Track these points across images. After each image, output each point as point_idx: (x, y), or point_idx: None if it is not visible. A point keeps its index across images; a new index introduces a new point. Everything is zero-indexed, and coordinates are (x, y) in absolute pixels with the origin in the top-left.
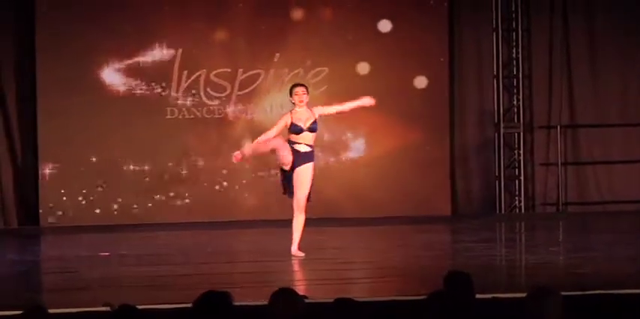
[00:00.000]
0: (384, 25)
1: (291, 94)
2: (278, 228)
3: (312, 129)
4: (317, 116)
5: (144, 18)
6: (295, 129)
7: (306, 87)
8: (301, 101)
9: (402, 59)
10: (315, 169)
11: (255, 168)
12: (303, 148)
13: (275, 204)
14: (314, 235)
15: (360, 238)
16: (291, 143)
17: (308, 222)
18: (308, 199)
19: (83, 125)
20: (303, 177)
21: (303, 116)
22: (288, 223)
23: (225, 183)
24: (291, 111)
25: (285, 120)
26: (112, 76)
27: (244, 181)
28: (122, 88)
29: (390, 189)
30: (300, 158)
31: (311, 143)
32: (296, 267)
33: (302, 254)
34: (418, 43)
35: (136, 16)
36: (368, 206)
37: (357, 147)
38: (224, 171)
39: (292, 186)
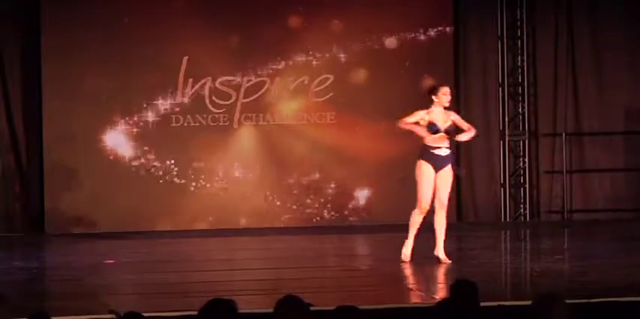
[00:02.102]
0: (390, 42)
1: (435, 93)
2: (282, 236)
3: (448, 132)
4: (451, 120)
5: (149, 23)
6: (433, 129)
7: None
8: (449, 101)
9: (407, 66)
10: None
11: (258, 175)
12: (443, 152)
13: (279, 211)
14: (319, 243)
15: (364, 246)
16: (430, 148)
17: (314, 230)
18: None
19: (89, 133)
20: (446, 179)
21: (440, 117)
22: (291, 230)
23: (228, 191)
24: (427, 109)
25: (422, 117)
26: (119, 81)
27: (247, 189)
28: (129, 96)
29: (394, 196)
30: (440, 162)
31: (448, 145)
32: (301, 275)
33: (449, 260)
34: (423, 50)
35: (141, 20)
36: (372, 213)
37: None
38: (228, 179)
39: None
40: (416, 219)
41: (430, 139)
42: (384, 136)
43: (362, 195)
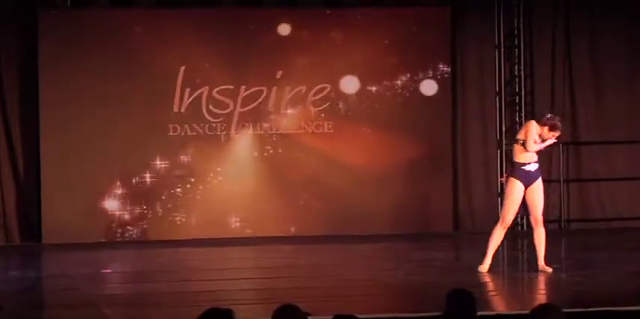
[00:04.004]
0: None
1: (553, 129)
2: (280, 245)
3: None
4: None
5: (146, 32)
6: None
7: None
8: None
9: (405, 76)
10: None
11: (255, 184)
12: (533, 167)
13: (276, 220)
14: (316, 252)
15: (361, 255)
16: (522, 165)
17: (311, 240)
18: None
19: (86, 142)
20: (537, 194)
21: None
22: (289, 239)
23: (225, 200)
24: (536, 123)
25: (537, 130)
26: (116, 90)
27: (244, 198)
28: (126, 105)
29: (391, 206)
30: (529, 178)
31: (536, 159)
32: (298, 284)
33: (550, 269)
34: (421, 60)
35: (139, 30)
36: (369, 223)
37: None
38: (225, 188)
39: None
40: (496, 236)
41: (523, 156)
42: (382, 144)
43: (360, 204)
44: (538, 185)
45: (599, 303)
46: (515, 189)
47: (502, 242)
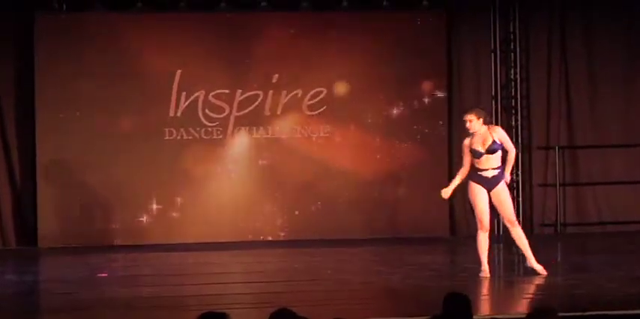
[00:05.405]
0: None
1: None
2: (276, 249)
3: (490, 151)
4: (496, 138)
5: (143, 36)
6: (476, 154)
7: (475, 113)
8: (469, 128)
9: (401, 81)
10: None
11: (251, 188)
12: (490, 173)
13: (272, 224)
14: (312, 256)
15: (358, 259)
16: (477, 171)
17: (306, 244)
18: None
19: (82, 146)
20: (501, 197)
21: (479, 140)
22: (285, 243)
23: (221, 204)
24: (471, 135)
25: (467, 146)
26: (112, 94)
27: (240, 202)
28: (122, 109)
29: (387, 210)
30: (488, 182)
31: (496, 166)
32: (294, 288)
33: (542, 268)
34: (417, 63)
35: (135, 34)
36: (365, 227)
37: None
38: (220, 192)
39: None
40: (481, 240)
41: (476, 163)
42: (379, 149)
43: (356, 209)
44: (500, 189)
45: (596, 307)
46: (476, 192)
47: (492, 245)
